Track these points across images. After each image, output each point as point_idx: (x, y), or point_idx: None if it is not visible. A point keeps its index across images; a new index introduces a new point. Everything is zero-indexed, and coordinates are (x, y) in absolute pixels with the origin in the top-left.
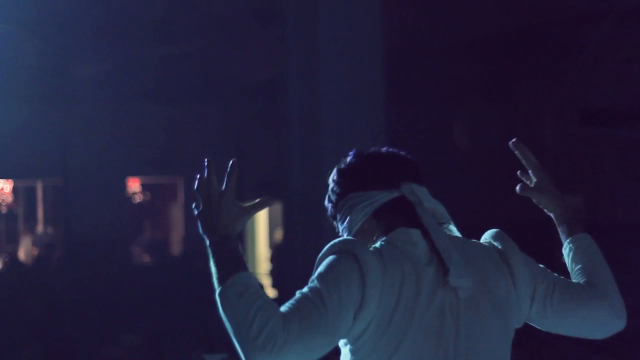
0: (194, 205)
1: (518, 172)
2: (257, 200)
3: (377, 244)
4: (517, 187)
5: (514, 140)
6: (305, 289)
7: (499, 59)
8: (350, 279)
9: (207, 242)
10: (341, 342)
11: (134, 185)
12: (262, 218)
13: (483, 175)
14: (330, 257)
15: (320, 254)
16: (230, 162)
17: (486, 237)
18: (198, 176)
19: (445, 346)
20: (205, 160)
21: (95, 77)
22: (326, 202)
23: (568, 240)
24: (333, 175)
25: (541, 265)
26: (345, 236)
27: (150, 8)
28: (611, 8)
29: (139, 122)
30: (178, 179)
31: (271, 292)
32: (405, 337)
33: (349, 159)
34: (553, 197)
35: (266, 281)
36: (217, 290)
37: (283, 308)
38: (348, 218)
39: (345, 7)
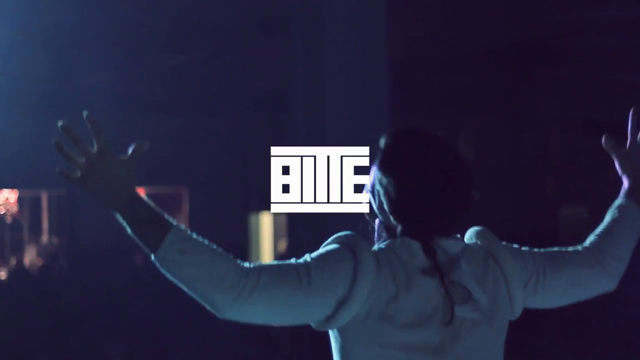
0: (58, 172)
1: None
2: (132, 148)
3: (376, 247)
4: (603, 139)
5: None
6: (295, 260)
7: (504, 70)
8: (341, 270)
9: (117, 214)
10: (333, 337)
11: None
12: (266, 229)
13: (488, 186)
14: (332, 245)
15: (325, 242)
16: (85, 116)
17: (471, 236)
18: (55, 144)
19: (438, 354)
20: (60, 125)
21: (100, 86)
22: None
23: (619, 200)
24: (389, 176)
25: (525, 250)
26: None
27: (156, 18)
28: (619, 19)
29: (143, 132)
30: (183, 189)
31: None
32: (394, 343)
33: (406, 181)
34: (636, 167)
35: None
36: (154, 257)
37: (265, 263)
38: (376, 233)
39: (351, 18)
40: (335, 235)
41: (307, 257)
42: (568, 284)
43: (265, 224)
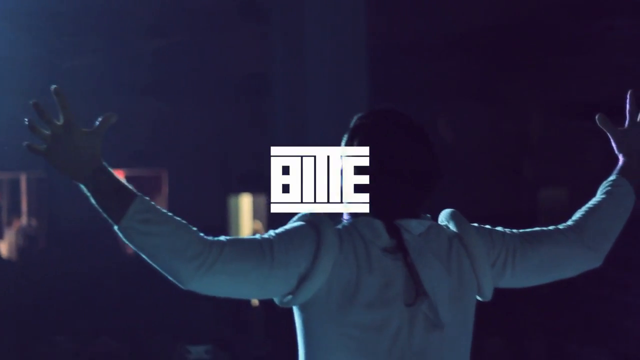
0: (26, 146)
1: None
2: (100, 119)
3: (340, 225)
4: (598, 117)
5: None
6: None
7: (484, 54)
8: (303, 245)
9: (82, 184)
10: (295, 314)
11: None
12: (246, 211)
13: (468, 170)
14: (296, 223)
15: (291, 220)
16: (52, 89)
17: (442, 218)
18: (27, 121)
19: (396, 338)
20: (31, 102)
21: (79, 70)
22: (344, 143)
23: (612, 176)
24: (356, 138)
25: (499, 230)
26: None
27: (136, 2)
28: (597, 1)
29: (123, 115)
30: (162, 172)
31: None
32: (354, 322)
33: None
34: (632, 146)
35: None
36: (117, 227)
37: (230, 237)
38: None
39: (332, 2)
40: (300, 214)
41: (271, 232)
42: (545, 263)
43: (244, 206)
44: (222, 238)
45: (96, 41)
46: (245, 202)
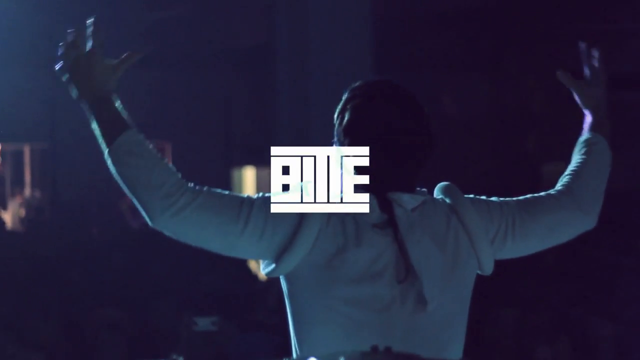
0: (58, 67)
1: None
2: (124, 55)
3: None
4: (559, 74)
5: (582, 45)
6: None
7: (486, 26)
8: (284, 216)
9: (86, 106)
10: (282, 283)
11: None
12: (249, 183)
13: (471, 143)
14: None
15: None
16: (91, 20)
17: (437, 192)
18: (62, 44)
19: (383, 315)
20: (69, 31)
21: None
22: (337, 115)
23: (585, 135)
24: (349, 112)
25: (495, 200)
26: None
27: None
28: None
29: (126, 86)
30: (165, 143)
31: None
32: (339, 296)
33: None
34: (597, 98)
35: None
36: (105, 152)
37: (212, 189)
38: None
39: None
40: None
41: (260, 194)
42: (544, 230)
43: (247, 178)
44: (204, 188)
45: (99, 13)
46: (248, 175)
